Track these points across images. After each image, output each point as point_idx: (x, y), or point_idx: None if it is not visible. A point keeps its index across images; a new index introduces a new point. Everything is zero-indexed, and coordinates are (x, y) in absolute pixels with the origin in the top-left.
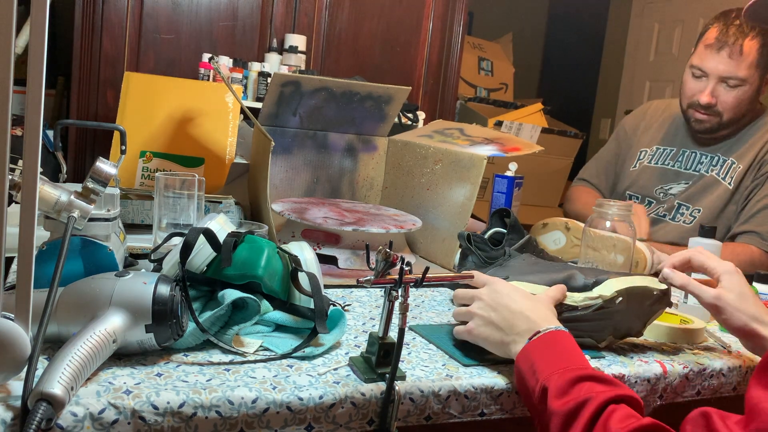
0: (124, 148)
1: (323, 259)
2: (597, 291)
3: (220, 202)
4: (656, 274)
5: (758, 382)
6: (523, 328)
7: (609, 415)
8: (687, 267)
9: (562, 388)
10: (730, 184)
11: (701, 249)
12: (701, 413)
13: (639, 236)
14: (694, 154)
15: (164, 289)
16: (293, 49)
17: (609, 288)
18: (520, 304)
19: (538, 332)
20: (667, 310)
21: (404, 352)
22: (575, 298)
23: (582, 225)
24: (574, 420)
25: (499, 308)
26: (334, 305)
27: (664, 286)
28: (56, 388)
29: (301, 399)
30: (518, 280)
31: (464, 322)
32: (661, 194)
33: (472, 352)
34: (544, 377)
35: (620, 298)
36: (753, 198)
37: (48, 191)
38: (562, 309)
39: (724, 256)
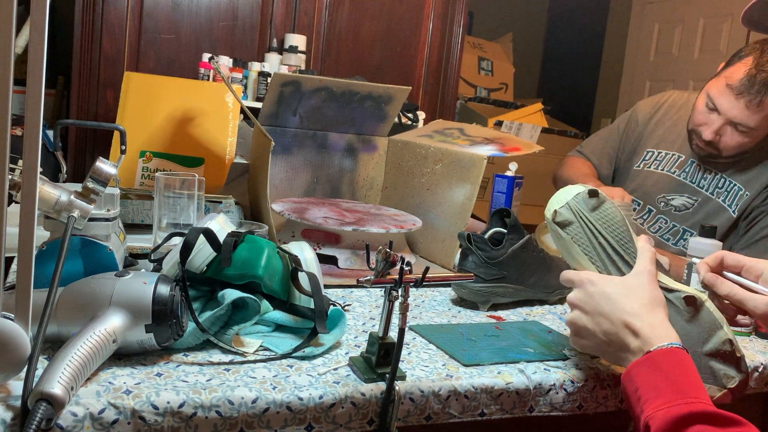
0: (124, 148)
1: (323, 259)
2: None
3: (220, 202)
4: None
5: None
6: (631, 346)
7: None
8: (720, 268)
9: (668, 430)
10: (734, 212)
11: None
12: None
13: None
14: (700, 167)
15: (164, 289)
16: (293, 49)
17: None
18: (619, 313)
19: (649, 352)
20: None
21: (404, 352)
22: (664, 280)
23: None
24: None
25: (598, 317)
26: (334, 305)
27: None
28: (56, 388)
29: (301, 399)
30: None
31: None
32: (662, 203)
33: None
34: (648, 413)
35: (690, 307)
36: (756, 225)
37: (48, 191)
38: None
39: None
